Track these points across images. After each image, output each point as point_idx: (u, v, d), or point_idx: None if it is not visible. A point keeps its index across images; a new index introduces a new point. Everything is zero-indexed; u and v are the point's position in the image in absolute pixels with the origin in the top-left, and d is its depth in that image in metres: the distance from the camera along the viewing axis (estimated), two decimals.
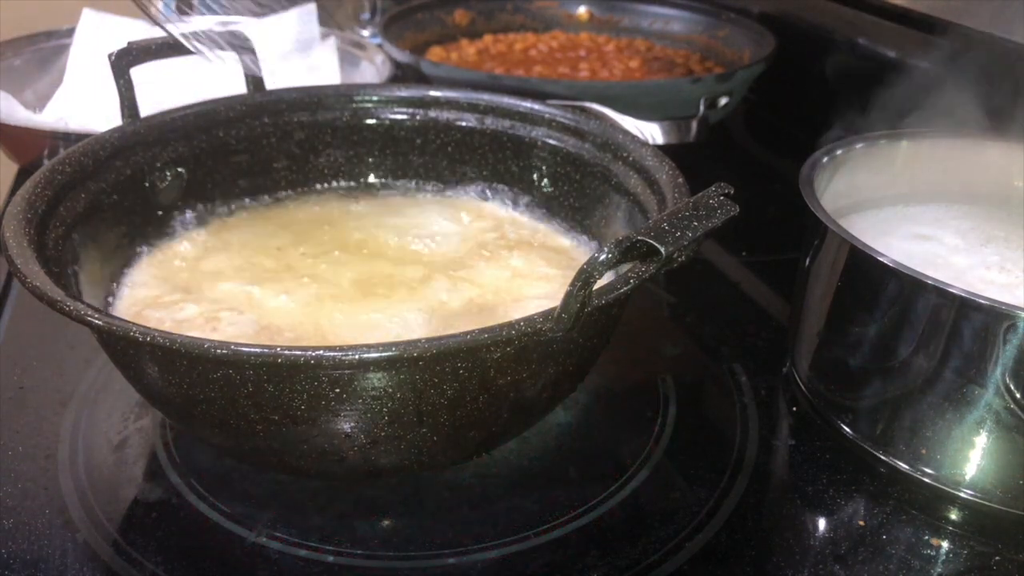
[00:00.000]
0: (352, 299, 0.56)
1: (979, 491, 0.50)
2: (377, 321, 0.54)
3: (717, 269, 0.77)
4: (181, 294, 0.56)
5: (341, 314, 0.54)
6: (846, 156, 0.62)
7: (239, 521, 0.49)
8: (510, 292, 0.58)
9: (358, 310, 0.55)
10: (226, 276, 0.59)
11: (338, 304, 0.56)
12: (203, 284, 0.58)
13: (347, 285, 0.58)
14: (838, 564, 0.47)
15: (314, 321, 0.54)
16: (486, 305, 0.56)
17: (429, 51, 1.12)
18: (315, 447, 0.43)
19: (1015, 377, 0.46)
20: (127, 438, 0.55)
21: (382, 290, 0.57)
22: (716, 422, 0.58)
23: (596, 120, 0.62)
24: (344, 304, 0.56)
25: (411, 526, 0.49)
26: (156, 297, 0.56)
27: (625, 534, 0.49)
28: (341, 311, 0.55)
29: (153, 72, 0.65)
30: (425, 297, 0.56)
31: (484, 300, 0.57)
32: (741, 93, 0.96)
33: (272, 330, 0.53)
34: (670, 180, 0.53)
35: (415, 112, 0.68)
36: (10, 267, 0.43)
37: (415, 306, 0.55)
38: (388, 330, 0.53)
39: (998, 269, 0.56)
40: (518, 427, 0.51)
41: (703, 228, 0.38)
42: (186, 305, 0.55)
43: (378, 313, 0.54)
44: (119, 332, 0.39)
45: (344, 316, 0.54)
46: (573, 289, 0.37)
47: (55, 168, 0.52)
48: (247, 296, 0.56)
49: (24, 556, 0.46)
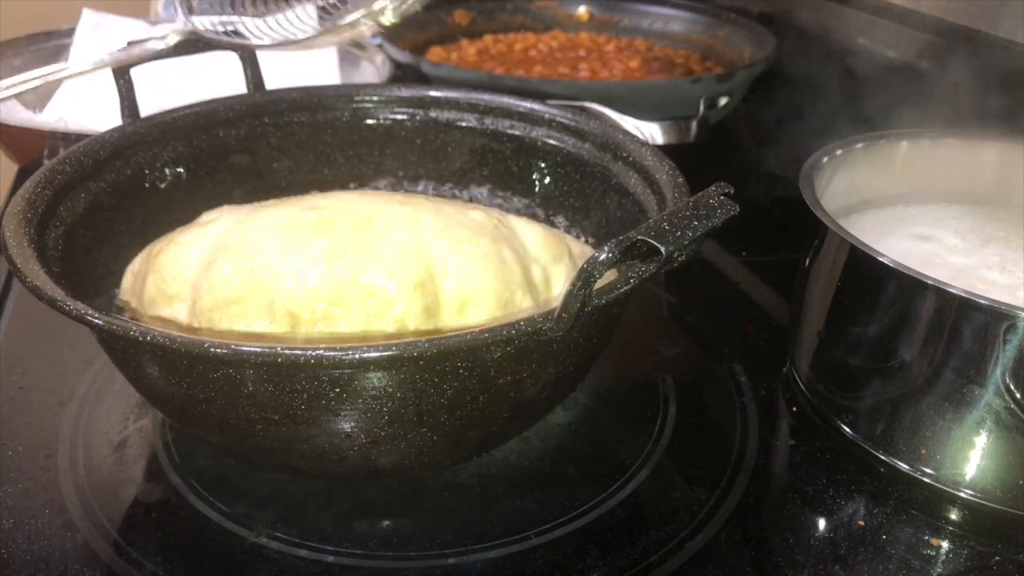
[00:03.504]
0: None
1: (979, 491, 0.50)
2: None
3: (717, 269, 0.77)
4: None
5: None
6: (846, 156, 0.62)
7: (239, 521, 0.49)
8: None
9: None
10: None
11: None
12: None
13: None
14: (838, 564, 0.47)
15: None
16: None
17: (429, 51, 1.12)
18: (315, 447, 0.43)
19: (1015, 377, 0.46)
20: (127, 438, 0.55)
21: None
22: (716, 422, 0.58)
23: (596, 120, 0.62)
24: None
25: (411, 526, 0.49)
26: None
27: (625, 534, 0.49)
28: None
29: (153, 72, 0.65)
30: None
31: None
32: (741, 93, 0.96)
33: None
34: (670, 180, 0.53)
35: (415, 112, 0.68)
36: (10, 267, 0.43)
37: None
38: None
39: (999, 269, 0.56)
40: (518, 427, 0.51)
41: (703, 228, 0.38)
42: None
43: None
44: (119, 332, 0.39)
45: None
46: (573, 289, 0.37)
47: (55, 168, 0.52)
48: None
49: (24, 556, 0.46)
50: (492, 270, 0.48)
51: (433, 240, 0.49)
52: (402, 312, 0.46)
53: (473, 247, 0.49)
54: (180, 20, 0.60)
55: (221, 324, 0.47)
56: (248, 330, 0.47)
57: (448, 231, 0.49)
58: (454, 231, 0.49)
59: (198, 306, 0.48)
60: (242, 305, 0.47)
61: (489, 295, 0.48)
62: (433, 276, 0.48)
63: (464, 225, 0.50)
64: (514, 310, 0.48)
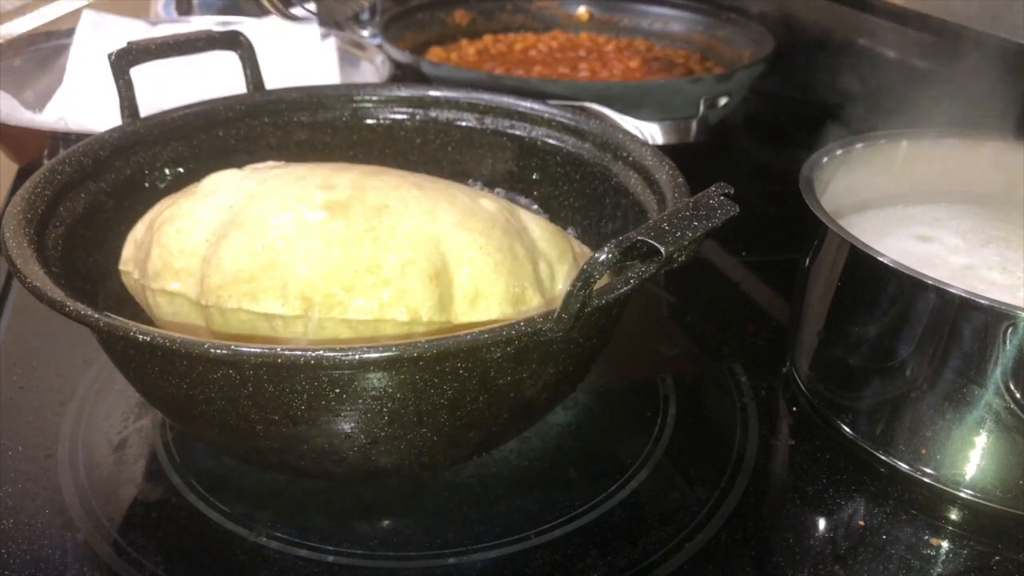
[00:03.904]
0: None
1: (979, 491, 0.50)
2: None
3: (717, 269, 0.77)
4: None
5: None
6: (846, 156, 0.62)
7: (239, 521, 0.49)
8: None
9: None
10: None
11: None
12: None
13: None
14: (838, 564, 0.47)
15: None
16: None
17: (429, 51, 1.12)
18: (315, 447, 0.43)
19: (1015, 377, 0.46)
20: (127, 438, 0.55)
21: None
22: (716, 422, 0.58)
23: (596, 120, 0.62)
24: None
25: (411, 526, 0.49)
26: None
27: (625, 534, 0.49)
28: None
29: (153, 72, 0.65)
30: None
31: None
32: (741, 93, 0.96)
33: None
34: (670, 180, 0.53)
35: (415, 112, 0.68)
36: (10, 267, 0.43)
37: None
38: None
39: (999, 270, 0.56)
40: (518, 427, 0.51)
41: (703, 228, 0.38)
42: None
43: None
44: (119, 332, 0.39)
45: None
46: (573, 289, 0.37)
47: (55, 168, 0.52)
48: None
49: (24, 556, 0.46)
50: (505, 264, 0.48)
51: (449, 230, 0.48)
52: (417, 303, 0.45)
53: (487, 240, 0.48)
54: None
55: (230, 303, 0.46)
56: (259, 310, 0.46)
57: (464, 222, 0.48)
58: (469, 222, 0.49)
59: (207, 283, 0.47)
60: (253, 284, 0.46)
61: (500, 289, 0.47)
62: (448, 267, 0.47)
63: (479, 216, 0.49)
64: (523, 306, 0.48)
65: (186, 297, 0.48)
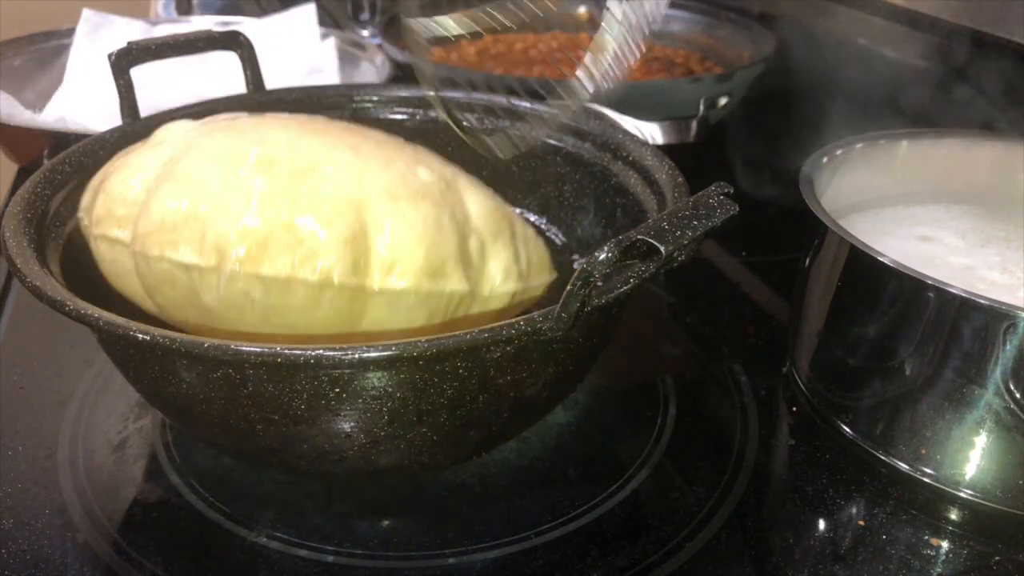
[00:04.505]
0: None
1: (979, 491, 0.50)
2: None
3: (717, 269, 0.77)
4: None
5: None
6: (846, 156, 0.62)
7: (239, 521, 0.49)
8: None
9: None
10: None
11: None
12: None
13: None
14: (838, 564, 0.47)
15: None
16: None
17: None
18: (315, 447, 0.43)
19: (1015, 377, 0.46)
20: (127, 438, 0.55)
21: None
22: (716, 422, 0.58)
23: (596, 120, 0.62)
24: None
25: (411, 526, 0.49)
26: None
27: (625, 534, 0.49)
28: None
29: (153, 72, 0.65)
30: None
31: None
32: (741, 93, 0.96)
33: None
34: (670, 180, 0.53)
35: (415, 112, 0.68)
36: (10, 267, 0.43)
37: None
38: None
39: (999, 270, 0.56)
40: (518, 427, 0.51)
41: (703, 228, 0.38)
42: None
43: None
44: (119, 332, 0.39)
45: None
46: (573, 288, 0.37)
47: (55, 168, 0.52)
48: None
49: (24, 556, 0.46)
50: (428, 236, 0.48)
51: (374, 197, 0.48)
52: (329, 265, 0.46)
53: (412, 209, 0.48)
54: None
55: (154, 250, 0.47)
56: (177, 259, 0.46)
57: (392, 189, 0.48)
58: (398, 190, 0.49)
59: (137, 229, 0.48)
60: (175, 234, 0.46)
61: (419, 260, 0.47)
62: (366, 233, 0.47)
63: (409, 185, 0.49)
64: (442, 280, 0.48)
65: (124, 244, 0.48)
